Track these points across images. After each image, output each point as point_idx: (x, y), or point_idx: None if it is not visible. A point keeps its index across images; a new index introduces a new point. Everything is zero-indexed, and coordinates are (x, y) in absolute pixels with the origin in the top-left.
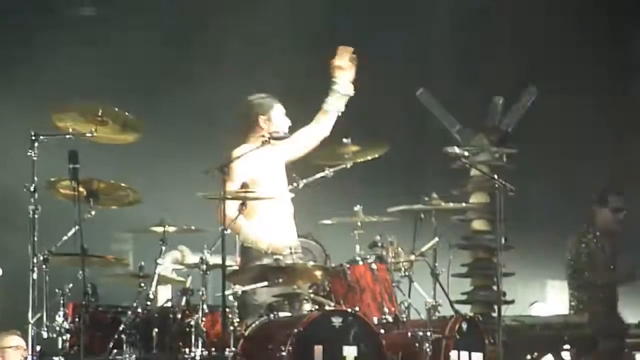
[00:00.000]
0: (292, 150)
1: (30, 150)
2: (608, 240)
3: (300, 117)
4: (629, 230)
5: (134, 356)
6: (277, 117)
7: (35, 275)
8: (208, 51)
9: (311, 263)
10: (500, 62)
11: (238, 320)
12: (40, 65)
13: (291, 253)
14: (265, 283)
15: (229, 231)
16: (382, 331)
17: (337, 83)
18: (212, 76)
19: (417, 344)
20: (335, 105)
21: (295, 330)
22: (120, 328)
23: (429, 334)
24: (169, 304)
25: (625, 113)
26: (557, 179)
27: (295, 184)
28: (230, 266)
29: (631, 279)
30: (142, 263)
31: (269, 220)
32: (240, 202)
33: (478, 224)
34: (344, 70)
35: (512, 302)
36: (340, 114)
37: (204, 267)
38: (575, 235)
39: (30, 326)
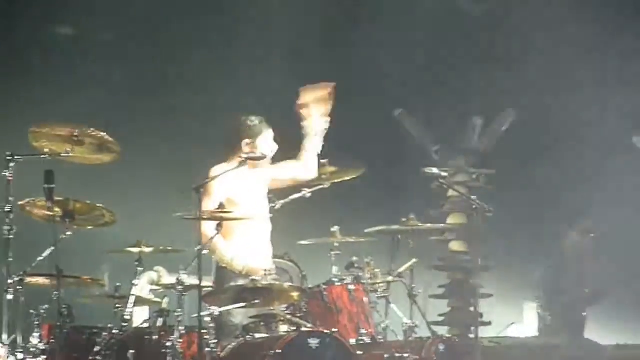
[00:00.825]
0: (279, 180)
1: (5, 171)
2: (576, 263)
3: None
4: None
5: None
6: (263, 143)
7: (10, 296)
8: (186, 71)
9: (288, 284)
10: (478, 84)
11: (214, 341)
12: (17, 85)
13: (265, 275)
14: (242, 304)
15: (206, 252)
16: (360, 352)
17: (306, 124)
18: (190, 96)
19: None
20: (311, 145)
21: (272, 352)
22: (96, 349)
23: (406, 355)
24: (145, 325)
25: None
26: (535, 200)
27: (272, 204)
28: (207, 287)
29: (600, 298)
30: (118, 284)
31: (246, 241)
32: (217, 222)
33: (456, 245)
34: (311, 109)
35: (489, 323)
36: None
37: (181, 288)
38: (544, 259)
39: (5, 348)
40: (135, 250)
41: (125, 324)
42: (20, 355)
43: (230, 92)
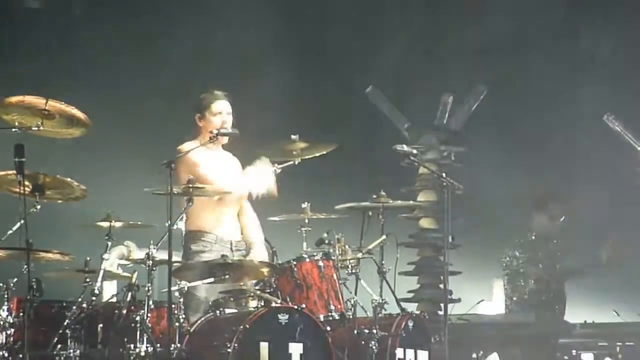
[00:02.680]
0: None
1: None
2: (544, 245)
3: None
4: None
5: (78, 351)
6: (212, 114)
7: None
8: (162, 42)
9: (257, 260)
10: (449, 60)
11: (183, 316)
12: None
13: (232, 249)
14: (212, 279)
15: (175, 227)
16: (329, 328)
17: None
18: (163, 71)
19: (363, 342)
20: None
21: (241, 327)
22: (65, 323)
23: (375, 331)
24: (115, 300)
25: (574, 111)
26: (504, 178)
27: None
28: (177, 262)
29: (577, 274)
30: (88, 258)
31: (217, 216)
32: (186, 198)
33: (426, 222)
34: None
35: (458, 300)
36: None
37: (150, 262)
38: (513, 239)
39: None
40: (105, 224)
41: (95, 298)
42: None
43: (202, 68)
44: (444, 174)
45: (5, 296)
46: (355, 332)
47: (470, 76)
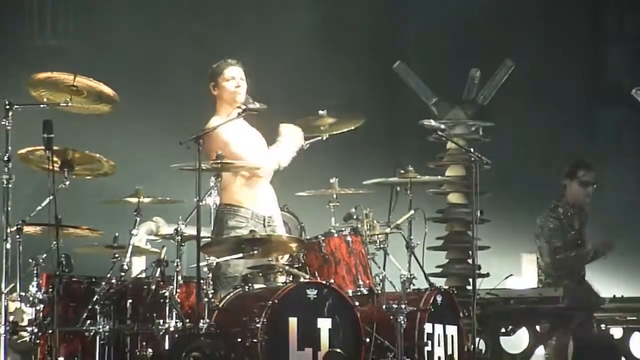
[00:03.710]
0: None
1: (4, 120)
2: (577, 214)
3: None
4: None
5: (107, 327)
6: (225, 80)
7: (8, 245)
8: (188, 27)
9: (286, 235)
10: (477, 35)
11: (212, 291)
12: (15, 33)
13: (264, 225)
14: (240, 255)
15: (203, 202)
16: (357, 303)
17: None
18: (189, 44)
19: (391, 317)
20: (280, 149)
21: (270, 302)
22: (94, 299)
23: (403, 306)
24: (143, 275)
25: (602, 85)
26: (533, 152)
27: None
28: (205, 237)
29: (601, 254)
30: (117, 234)
31: (247, 191)
32: (214, 174)
33: (454, 197)
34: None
35: (487, 275)
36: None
37: (179, 238)
38: (545, 210)
39: (2, 296)
40: (134, 200)
41: (124, 274)
42: (18, 304)
43: (229, 45)
44: (472, 149)
45: (35, 272)
46: (384, 307)
47: (498, 50)
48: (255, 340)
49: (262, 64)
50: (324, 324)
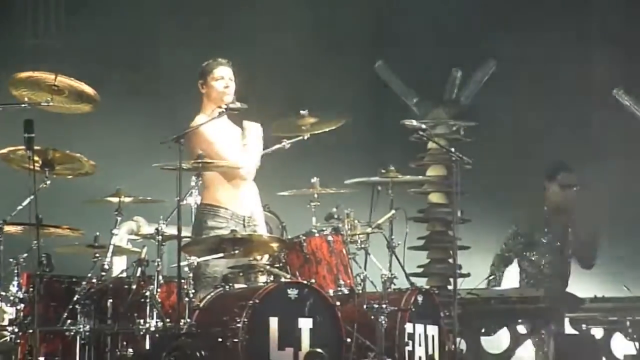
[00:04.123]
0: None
1: None
2: (557, 216)
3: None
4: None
5: (88, 326)
6: (214, 80)
7: None
8: (173, 21)
9: (267, 235)
10: (458, 34)
11: (193, 291)
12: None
13: (244, 225)
14: (221, 254)
15: (184, 202)
16: (338, 303)
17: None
18: (172, 44)
19: (372, 317)
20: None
21: (251, 302)
22: (75, 298)
23: (384, 306)
24: (124, 275)
25: (586, 84)
26: (514, 152)
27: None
28: (186, 237)
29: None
30: (98, 233)
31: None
32: (195, 173)
33: (435, 197)
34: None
35: (467, 275)
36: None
37: (160, 237)
38: (522, 211)
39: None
40: (115, 199)
41: (104, 274)
42: None
43: (216, 41)
44: (453, 149)
45: (15, 271)
46: (365, 307)
47: (479, 50)
48: (236, 340)
49: (245, 63)
50: (305, 324)
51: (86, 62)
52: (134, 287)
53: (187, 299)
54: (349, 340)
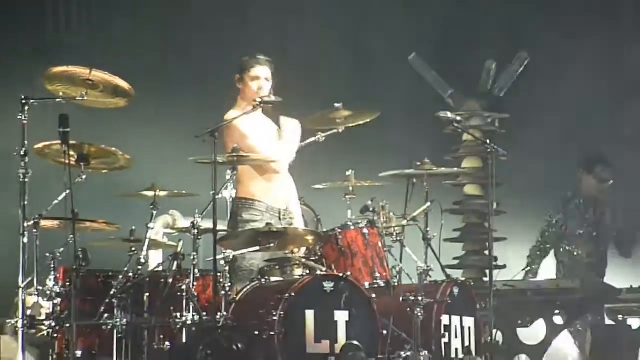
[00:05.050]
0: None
1: (20, 114)
2: (592, 207)
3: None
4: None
5: (125, 320)
6: (250, 79)
7: (25, 240)
8: (204, 16)
9: (303, 228)
10: (493, 26)
11: (229, 284)
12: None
13: (280, 218)
14: (257, 248)
15: (219, 195)
16: (374, 296)
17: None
18: (207, 40)
19: (408, 309)
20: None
21: (287, 295)
22: (111, 292)
23: (420, 298)
24: (160, 269)
25: (621, 77)
26: (549, 144)
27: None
28: (222, 230)
29: (630, 236)
30: (134, 227)
31: (263, 185)
32: (230, 167)
33: (470, 189)
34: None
35: (503, 267)
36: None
37: (195, 231)
38: (559, 202)
39: (20, 290)
40: (150, 193)
41: (141, 268)
42: (36, 298)
43: (247, 35)
44: (488, 141)
45: (52, 266)
46: (401, 299)
47: (514, 42)
48: (272, 333)
49: (279, 57)
50: (341, 317)
51: (120, 56)
52: (170, 280)
53: (223, 292)
54: (385, 332)
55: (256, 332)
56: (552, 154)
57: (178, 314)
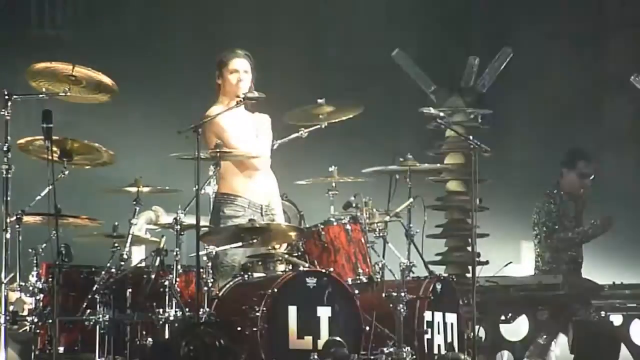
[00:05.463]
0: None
1: (3, 110)
2: (573, 202)
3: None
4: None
5: (107, 316)
6: (229, 72)
7: (8, 235)
8: (188, 16)
9: (285, 224)
10: (476, 22)
11: (212, 280)
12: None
13: (262, 214)
14: (240, 243)
15: (203, 191)
16: (357, 292)
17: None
18: (188, 35)
19: (391, 305)
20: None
21: (270, 291)
22: (94, 288)
23: (403, 294)
24: (143, 264)
25: (603, 73)
26: (532, 140)
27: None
28: (205, 226)
29: (605, 229)
30: (116, 223)
31: (244, 180)
32: (213, 162)
33: (453, 185)
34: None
35: (486, 263)
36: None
37: (178, 227)
38: (541, 197)
39: (2, 286)
40: (133, 189)
41: (123, 263)
42: (18, 294)
43: (228, 32)
44: (471, 137)
45: (34, 262)
46: (384, 295)
47: (497, 38)
48: (255, 329)
49: (261, 53)
50: (324, 313)
51: (103, 52)
52: (152, 276)
53: (205, 288)
54: (367, 328)
55: (239, 328)
56: (536, 150)
57: (161, 310)
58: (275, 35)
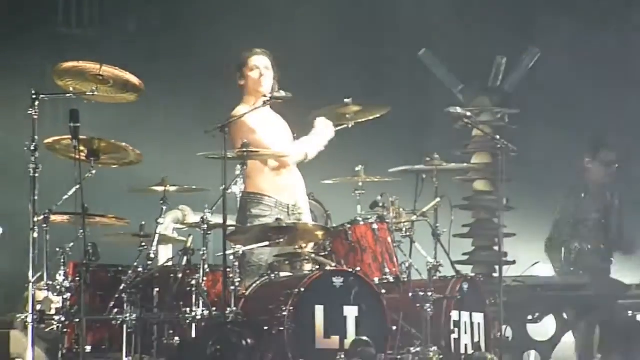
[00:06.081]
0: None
1: (30, 109)
2: (600, 195)
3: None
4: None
5: (134, 315)
6: (249, 70)
7: (35, 234)
8: (210, 9)
9: (312, 223)
10: (502, 22)
11: (239, 280)
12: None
13: (289, 213)
14: (267, 243)
15: (230, 190)
16: (383, 291)
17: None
18: (215, 34)
19: (418, 305)
20: (312, 141)
21: (296, 290)
22: (121, 287)
23: (430, 294)
24: (170, 264)
25: (626, 70)
26: (559, 140)
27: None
28: (231, 226)
29: (629, 251)
30: (143, 222)
31: (272, 179)
32: (240, 162)
33: (480, 185)
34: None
35: (513, 262)
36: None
37: (205, 226)
38: (566, 194)
39: (30, 285)
40: (160, 189)
41: (150, 263)
42: (46, 293)
43: (253, 35)
44: (498, 136)
45: (62, 261)
46: (410, 294)
47: (524, 38)
48: (281, 329)
49: (288, 53)
50: (351, 312)
51: (130, 51)
52: (179, 276)
53: (232, 287)
54: (394, 328)
55: (265, 328)
56: (562, 150)
57: (187, 309)
58: (301, 34)
